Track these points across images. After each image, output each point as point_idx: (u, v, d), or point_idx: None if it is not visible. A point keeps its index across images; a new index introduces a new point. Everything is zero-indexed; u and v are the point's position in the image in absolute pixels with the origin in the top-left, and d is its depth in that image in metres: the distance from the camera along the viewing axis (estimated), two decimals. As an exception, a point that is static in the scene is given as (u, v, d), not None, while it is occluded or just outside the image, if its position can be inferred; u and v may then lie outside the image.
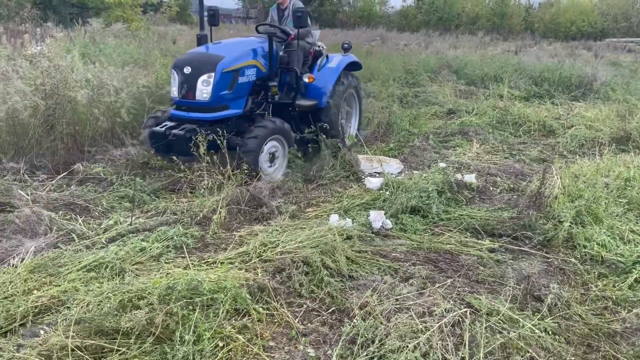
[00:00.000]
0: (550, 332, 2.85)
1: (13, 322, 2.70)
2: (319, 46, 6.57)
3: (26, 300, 2.83)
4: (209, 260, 3.54)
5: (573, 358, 2.71)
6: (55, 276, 3.14)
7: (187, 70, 5.09)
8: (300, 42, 5.96)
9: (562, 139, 7.35)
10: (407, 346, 2.58)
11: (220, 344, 2.62)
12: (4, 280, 2.98)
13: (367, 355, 2.59)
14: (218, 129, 4.80)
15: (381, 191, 5.00)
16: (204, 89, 5.03)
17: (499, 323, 2.88)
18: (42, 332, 2.61)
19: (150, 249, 3.60)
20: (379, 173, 5.65)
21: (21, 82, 5.36)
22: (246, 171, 4.68)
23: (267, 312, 2.99)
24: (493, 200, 5.03)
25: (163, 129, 5.08)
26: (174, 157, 4.80)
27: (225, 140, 4.64)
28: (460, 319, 2.85)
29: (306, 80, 5.95)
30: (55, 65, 5.52)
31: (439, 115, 9.12)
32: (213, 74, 5.02)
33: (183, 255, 3.60)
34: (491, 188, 5.36)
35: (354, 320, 2.85)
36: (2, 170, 4.63)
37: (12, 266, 3.20)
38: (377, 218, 4.35)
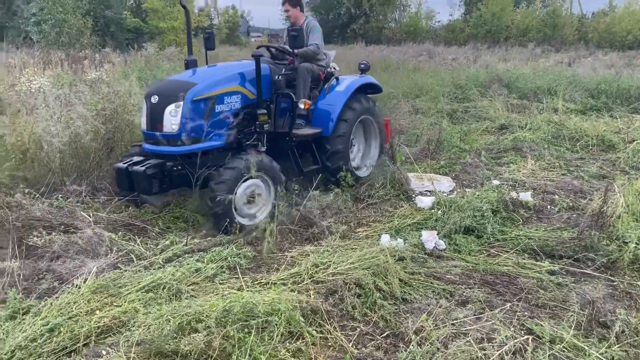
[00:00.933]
0: (618, 362, 2.71)
1: (77, 342, 2.78)
2: (331, 67, 5.96)
3: (89, 320, 2.92)
4: (261, 280, 3.58)
5: (645, 390, 2.57)
6: (116, 297, 3.24)
7: (154, 99, 4.62)
8: (304, 64, 5.44)
9: (622, 154, 7.04)
10: (466, 374, 2.50)
11: (276, 368, 2.63)
12: (68, 301, 3.10)
13: (424, 382, 2.53)
14: (191, 164, 4.47)
15: (433, 210, 4.92)
16: (172, 119, 4.53)
17: (563, 351, 2.76)
18: (104, 352, 2.69)
19: (205, 270, 3.67)
20: (430, 191, 5.57)
21: (83, 108, 5.61)
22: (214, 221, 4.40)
23: (321, 335, 2.97)
24: (551, 219, 4.85)
25: (125, 165, 4.65)
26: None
27: (198, 177, 4.43)
28: (522, 347, 2.74)
29: (301, 106, 5.30)
30: (114, 91, 5.77)
31: (490, 131, 8.93)
32: (181, 104, 4.51)
33: (237, 276, 3.65)
34: (549, 207, 5.17)
35: (410, 346, 2.79)
36: (66, 192, 4.85)
37: (76, 286, 3.32)
38: (430, 238, 4.28)
